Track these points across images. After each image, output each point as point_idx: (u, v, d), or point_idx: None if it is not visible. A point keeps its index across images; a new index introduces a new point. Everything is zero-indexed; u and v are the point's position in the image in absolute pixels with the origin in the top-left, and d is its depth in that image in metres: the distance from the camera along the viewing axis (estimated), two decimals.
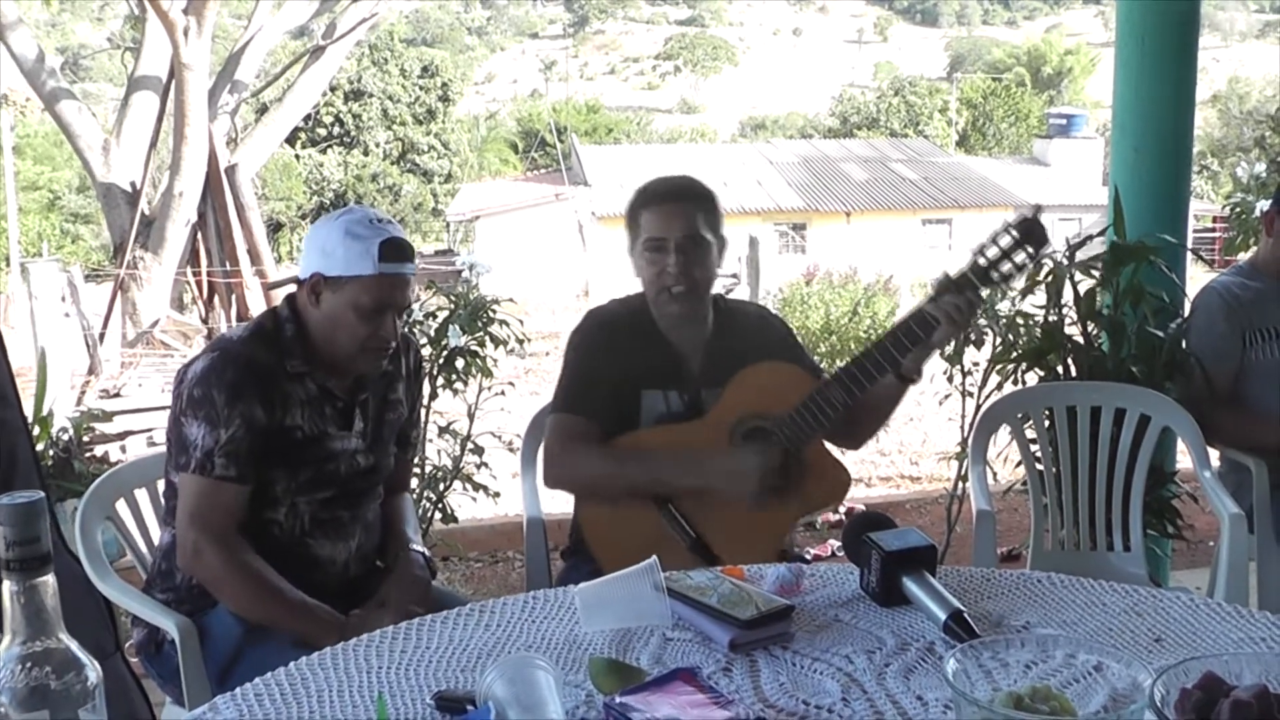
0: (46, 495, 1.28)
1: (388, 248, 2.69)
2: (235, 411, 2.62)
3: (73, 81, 28.59)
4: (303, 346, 2.75)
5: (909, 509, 7.14)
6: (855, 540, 2.18)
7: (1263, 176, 6.20)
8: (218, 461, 2.62)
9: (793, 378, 3.02)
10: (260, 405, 2.65)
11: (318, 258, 2.73)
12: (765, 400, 2.96)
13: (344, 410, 2.81)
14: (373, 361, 2.80)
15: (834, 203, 37.49)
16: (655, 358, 3.04)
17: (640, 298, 3.13)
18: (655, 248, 3.00)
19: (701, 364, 3.06)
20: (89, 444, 5.88)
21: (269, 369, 2.70)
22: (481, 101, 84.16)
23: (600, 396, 2.99)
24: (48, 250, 34.41)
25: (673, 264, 2.97)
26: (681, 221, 2.99)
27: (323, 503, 2.78)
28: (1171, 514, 4.32)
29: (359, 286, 2.69)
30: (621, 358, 3.02)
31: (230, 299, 17.83)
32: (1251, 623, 2.00)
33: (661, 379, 3.02)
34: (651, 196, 3.06)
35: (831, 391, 2.89)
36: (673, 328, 3.06)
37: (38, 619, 1.22)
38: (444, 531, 5.17)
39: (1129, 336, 4.24)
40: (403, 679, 1.85)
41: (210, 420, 2.62)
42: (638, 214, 3.05)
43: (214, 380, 2.64)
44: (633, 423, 3.00)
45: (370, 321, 2.71)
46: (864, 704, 1.74)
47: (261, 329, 2.78)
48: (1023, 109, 59.08)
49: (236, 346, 2.73)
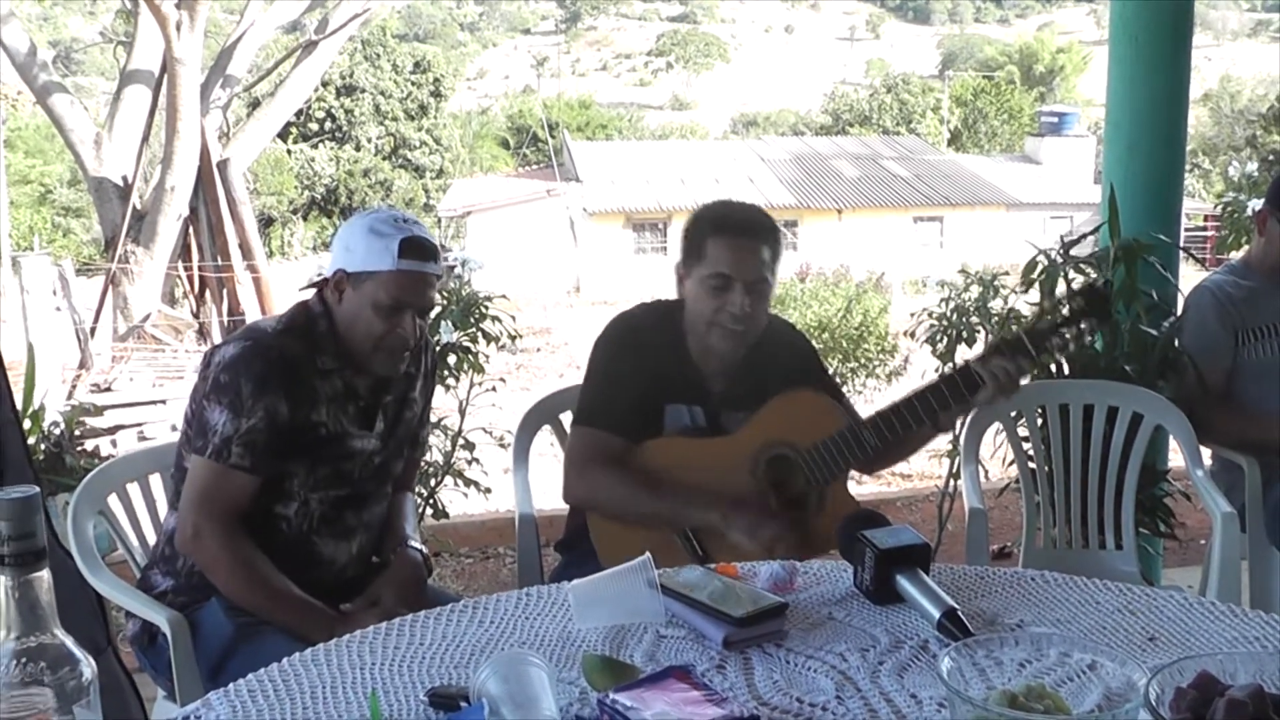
0: (40, 491, 1.27)
1: (408, 245, 2.69)
2: (260, 403, 2.62)
3: (65, 75, 28.58)
4: (334, 343, 2.75)
5: (901, 507, 7.15)
6: (849, 538, 2.18)
7: (1254, 175, 6.21)
8: (235, 450, 2.62)
9: (824, 410, 2.98)
10: (286, 400, 2.66)
11: (342, 254, 2.75)
12: (794, 430, 2.92)
13: (366, 410, 2.81)
14: (388, 362, 2.78)
15: (826, 200, 37.52)
16: (679, 372, 2.99)
17: (670, 307, 3.07)
18: (722, 286, 2.90)
19: (725, 383, 3.01)
20: (80, 438, 5.88)
21: (299, 363, 2.70)
22: (474, 97, 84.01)
23: (623, 407, 2.94)
24: (39, 244, 34.29)
25: (737, 305, 2.89)
26: (753, 261, 2.91)
27: (334, 503, 2.78)
28: (1164, 512, 4.33)
29: (377, 283, 2.70)
30: (647, 368, 2.96)
31: (221, 293, 17.81)
32: (1245, 622, 2.00)
33: (684, 394, 2.98)
34: (725, 227, 2.95)
35: (864, 434, 2.87)
36: (703, 347, 3.00)
37: (32, 614, 1.22)
38: (435, 527, 5.17)
39: (1122, 334, 4.24)
40: (396, 675, 1.85)
41: (234, 408, 2.62)
42: (704, 240, 2.94)
43: (242, 369, 2.65)
44: (656, 434, 2.96)
45: (387, 319, 2.71)
46: (858, 702, 1.74)
47: (294, 322, 2.78)
48: (1015, 107, 59.15)
49: (270, 338, 2.73)
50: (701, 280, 2.93)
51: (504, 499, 4.80)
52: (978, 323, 4.82)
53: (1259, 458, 3.67)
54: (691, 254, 2.97)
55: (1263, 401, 3.73)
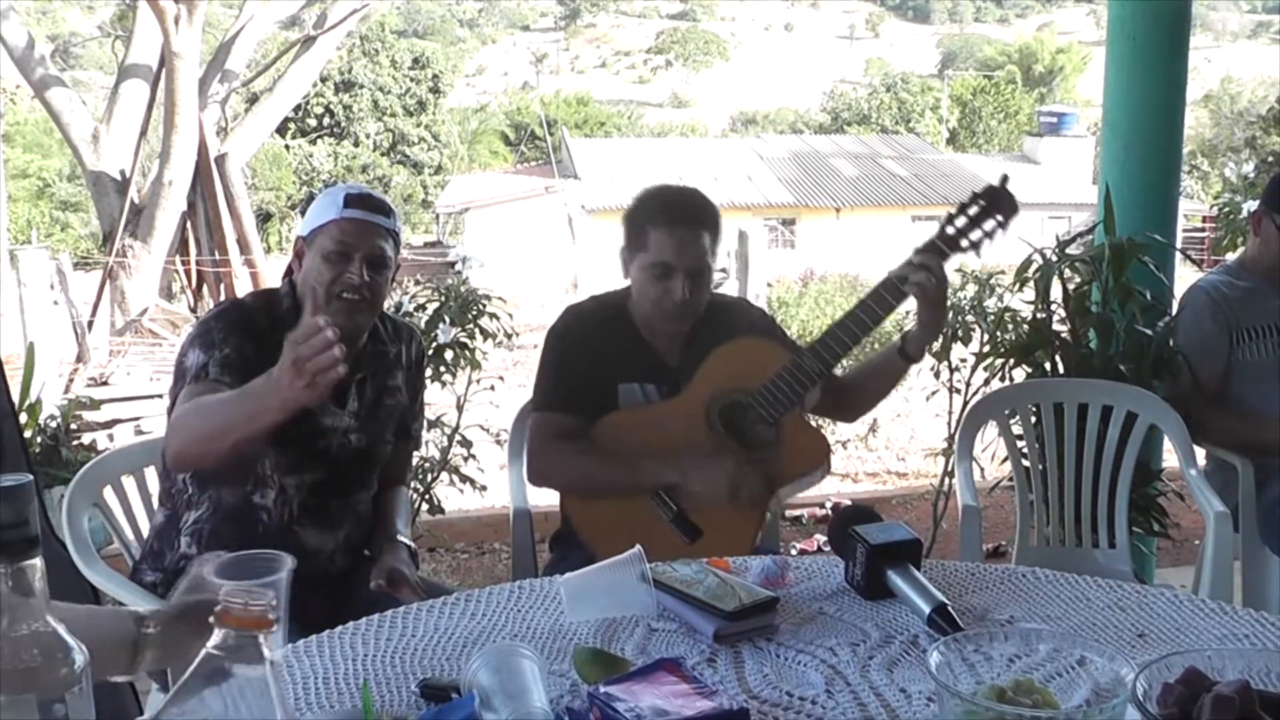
0: (35, 481, 1.28)
1: (354, 197, 2.77)
2: (230, 338, 2.67)
3: (63, 69, 28.51)
4: (296, 317, 2.76)
5: (895, 504, 7.15)
6: (841, 534, 2.19)
7: (1251, 177, 6.24)
8: (212, 370, 2.64)
9: (766, 352, 2.99)
10: (255, 349, 2.66)
11: (301, 227, 2.84)
12: (740, 375, 2.95)
13: (337, 387, 2.80)
14: (344, 312, 2.73)
15: (824, 198, 37.55)
16: (632, 352, 3.04)
17: (617, 295, 3.13)
18: (662, 274, 2.95)
19: (680, 358, 3.05)
20: (76, 431, 5.88)
21: (265, 333, 2.70)
22: (472, 94, 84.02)
23: (577, 390, 2.99)
24: (37, 238, 34.34)
25: (678, 291, 2.94)
26: (693, 249, 2.95)
27: (312, 488, 2.77)
28: (1157, 512, 4.34)
29: (324, 233, 2.75)
30: (597, 352, 3.01)
31: (219, 288, 17.82)
32: (1235, 619, 2.00)
33: (638, 372, 3.02)
34: (663, 216, 2.98)
35: (806, 361, 2.89)
36: (653, 329, 3.06)
37: (25, 602, 1.22)
38: (431, 523, 5.17)
39: (1117, 334, 4.25)
40: (388, 667, 1.86)
41: (206, 344, 2.67)
42: (644, 228, 2.99)
43: (215, 315, 2.74)
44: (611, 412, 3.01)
45: (335, 265, 2.73)
46: (848, 696, 1.74)
47: (259, 296, 2.90)
48: (1013, 107, 59.16)
49: (245, 299, 2.87)
50: (644, 268, 2.98)
51: (500, 495, 4.80)
52: (973, 321, 4.83)
53: (1253, 458, 3.67)
54: (634, 241, 3.02)
55: (1257, 402, 3.73)
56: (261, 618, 1.20)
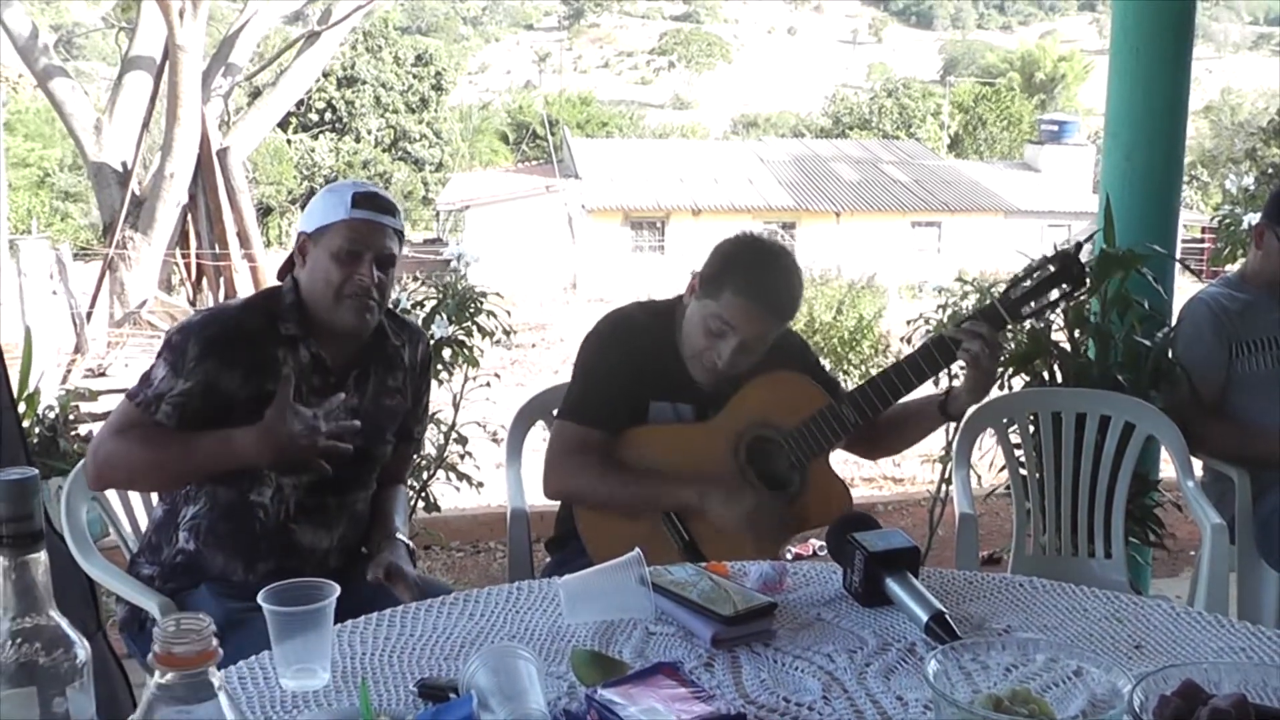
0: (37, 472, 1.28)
1: (361, 196, 2.76)
2: (200, 368, 2.64)
3: (66, 59, 28.51)
4: (299, 312, 2.77)
5: (892, 511, 7.15)
6: (839, 540, 2.19)
7: (1251, 189, 6.21)
8: (164, 409, 2.63)
9: (805, 391, 2.97)
10: (237, 369, 2.66)
11: (304, 221, 2.82)
12: (775, 410, 2.92)
13: (336, 384, 2.80)
14: (354, 311, 2.74)
15: (824, 202, 37.55)
16: (669, 369, 2.97)
17: (666, 306, 3.07)
18: (720, 333, 2.87)
19: (714, 381, 2.97)
20: (74, 423, 5.87)
21: (257, 335, 2.71)
22: (475, 91, 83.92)
23: (607, 402, 2.93)
24: (37, 228, 34.24)
25: (725, 354, 2.87)
26: (759, 327, 2.87)
27: (310, 487, 2.76)
28: (1154, 522, 4.33)
29: (333, 232, 2.74)
30: (635, 365, 2.94)
31: (219, 281, 17.83)
32: (1231, 632, 2.01)
33: (673, 391, 2.97)
34: (752, 290, 2.86)
35: (845, 410, 2.87)
36: (692, 352, 2.97)
37: (28, 595, 1.23)
38: (426, 520, 5.16)
39: (1116, 344, 4.25)
40: (386, 666, 1.86)
41: (175, 368, 2.64)
42: (727, 283, 2.87)
43: (195, 332, 2.68)
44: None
45: (345, 266, 2.72)
46: (844, 703, 1.75)
47: (256, 298, 2.86)
48: (1015, 114, 59.17)
49: (229, 311, 2.79)
50: (707, 315, 2.89)
51: (495, 493, 4.80)
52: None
53: (1251, 470, 3.68)
54: (710, 283, 2.90)
55: (1256, 414, 3.73)
56: (204, 651, 1.20)
